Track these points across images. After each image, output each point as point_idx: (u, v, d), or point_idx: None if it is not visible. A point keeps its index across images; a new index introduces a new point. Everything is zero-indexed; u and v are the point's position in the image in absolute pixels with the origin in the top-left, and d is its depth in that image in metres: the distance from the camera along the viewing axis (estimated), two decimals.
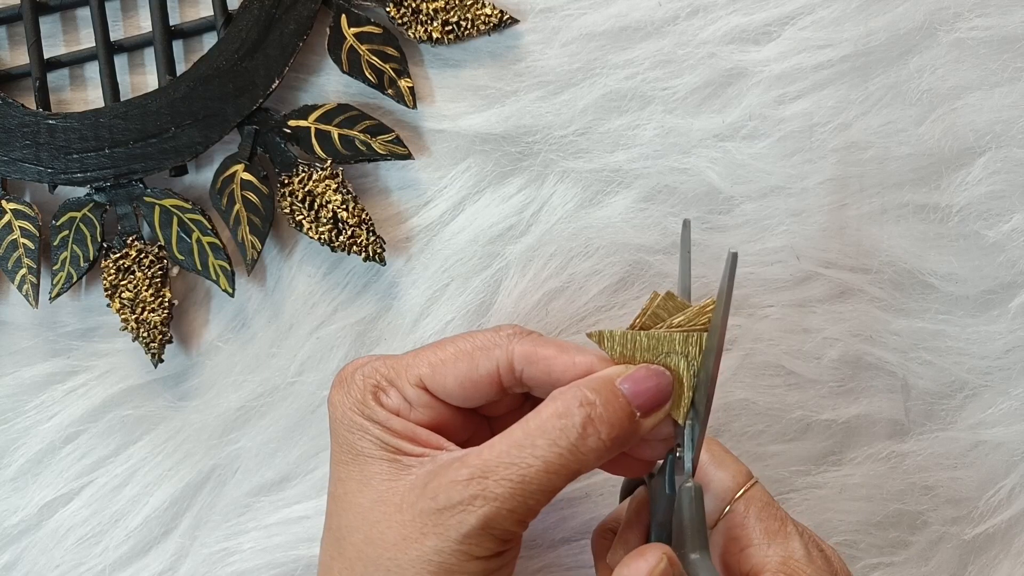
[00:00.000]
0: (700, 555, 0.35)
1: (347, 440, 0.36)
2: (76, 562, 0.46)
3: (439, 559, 0.33)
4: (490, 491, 0.33)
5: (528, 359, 0.35)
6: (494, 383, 0.36)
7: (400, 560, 0.33)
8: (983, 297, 0.45)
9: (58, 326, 0.46)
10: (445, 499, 0.33)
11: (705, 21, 0.44)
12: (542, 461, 0.33)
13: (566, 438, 0.33)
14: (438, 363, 0.36)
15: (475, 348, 0.36)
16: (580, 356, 0.35)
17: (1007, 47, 0.44)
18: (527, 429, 0.33)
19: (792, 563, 0.35)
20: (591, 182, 0.44)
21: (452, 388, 0.36)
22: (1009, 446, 0.45)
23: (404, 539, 0.33)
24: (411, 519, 0.33)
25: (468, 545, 0.33)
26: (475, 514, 0.33)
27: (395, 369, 0.37)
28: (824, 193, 0.44)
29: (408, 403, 0.36)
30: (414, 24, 0.44)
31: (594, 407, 0.33)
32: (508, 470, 0.33)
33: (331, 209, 0.43)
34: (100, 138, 0.43)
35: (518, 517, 0.33)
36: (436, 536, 0.33)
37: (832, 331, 0.44)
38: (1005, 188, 0.44)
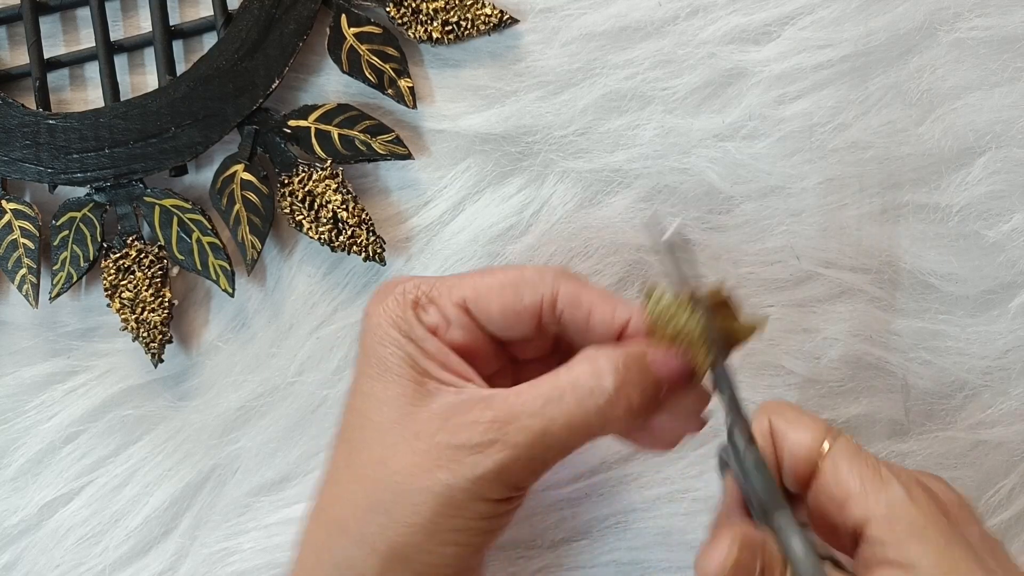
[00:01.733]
0: (781, 514, 0.34)
1: (377, 353, 0.36)
2: (76, 562, 0.46)
3: (448, 494, 0.33)
4: (510, 438, 0.33)
5: (571, 299, 0.36)
6: (534, 317, 0.36)
7: (408, 486, 0.34)
8: (983, 297, 0.45)
9: (58, 326, 0.46)
10: (465, 437, 0.33)
11: (705, 21, 0.44)
12: (566, 417, 0.33)
13: (595, 399, 0.33)
14: (483, 287, 0.36)
15: (521, 279, 0.36)
16: (621, 308, 0.36)
17: (1007, 47, 0.44)
18: (557, 383, 0.34)
19: (896, 508, 0.34)
20: (591, 182, 0.45)
21: (493, 314, 0.36)
22: (1009, 446, 0.45)
23: (416, 466, 0.34)
24: (427, 448, 0.34)
25: (479, 486, 0.33)
26: (492, 458, 0.33)
27: (438, 287, 0.37)
28: (824, 193, 0.44)
29: (447, 321, 0.36)
30: (414, 24, 0.44)
31: (629, 373, 0.34)
32: (531, 420, 0.33)
33: (331, 209, 0.43)
34: (100, 138, 0.43)
35: (533, 468, 0.34)
36: (449, 471, 0.33)
37: (832, 331, 0.44)
38: (1005, 188, 0.44)
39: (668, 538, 0.44)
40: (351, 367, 0.45)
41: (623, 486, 0.45)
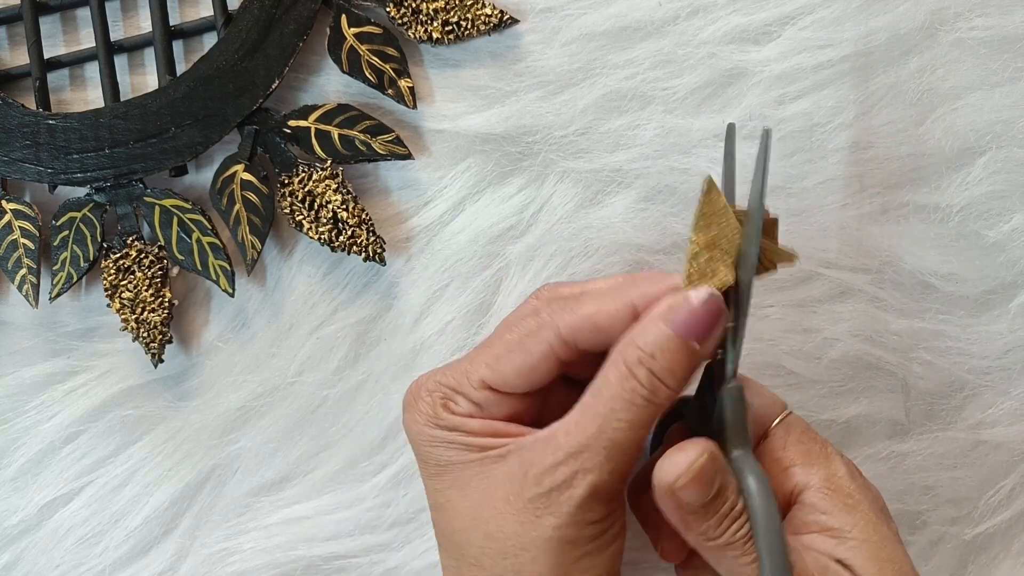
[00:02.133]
0: (743, 451, 0.35)
1: (432, 455, 0.37)
2: (76, 562, 0.46)
3: (559, 534, 0.35)
4: (588, 463, 0.34)
5: (575, 328, 0.36)
6: (552, 362, 0.37)
7: (524, 542, 0.35)
8: (983, 297, 0.45)
9: (58, 326, 0.46)
10: (550, 482, 0.35)
11: (705, 21, 0.44)
12: (625, 423, 0.34)
13: (639, 396, 0.34)
14: (494, 361, 0.37)
15: (523, 336, 0.37)
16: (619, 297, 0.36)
17: (1008, 47, 0.44)
18: (602, 399, 0.35)
19: (836, 480, 0.36)
20: (591, 182, 0.44)
21: (514, 380, 0.37)
22: (1009, 446, 0.45)
23: (522, 525, 0.35)
24: (523, 507, 0.35)
25: (583, 514, 0.35)
26: (581, 487, 0.34)
27: (456, 378, 0.38)
28: (824, 193, 0.44)
29: (478, 406, 0.37)
30: (414, 24, 0.44)
31: (654, 361, 0.34)
32: (599, 440, 0.34)
33: (331, 209, 0.43)
34: (100, 138, 0.43)
35: (617, 476, 0.35)
36: (551, 515, 0.35)
37: (832, 331, 0.44)
38: (1005, 188, 0.44)
39: None
40: (351, 368, 0.45)
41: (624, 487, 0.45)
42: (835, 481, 0.36)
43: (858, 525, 0.35)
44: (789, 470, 0.37)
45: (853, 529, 0.35)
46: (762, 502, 0.34)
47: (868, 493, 0.37)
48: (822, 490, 0.36)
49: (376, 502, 0.45)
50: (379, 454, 0.45)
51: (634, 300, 0.36)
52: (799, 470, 0.37)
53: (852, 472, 0.37)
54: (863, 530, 0.35)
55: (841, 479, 0.36)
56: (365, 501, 0.45)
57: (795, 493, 0.37)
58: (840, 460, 0.37)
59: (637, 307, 0.36)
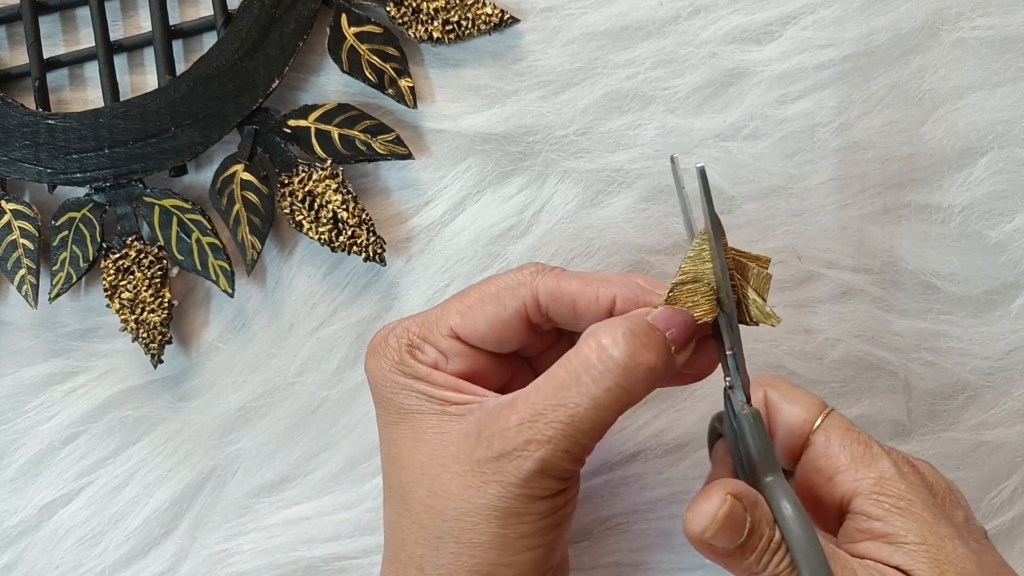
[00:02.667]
0: (773, 477, 0.35)
1: (392, 401, 0.36)
2: (76, 563, 0.46)
3: (504, 504, 0.33)
4: (542, 434, 0.33)
5: (552, 295, 0.36)
6: (523, 322, 0.36)
7: (467, 508, 0.34)
8: (985, 298, 0.44)
9: (58, 326, 0.46)
10: (500, 447, 0.33)
11: (706, 21, 0.44)
12: (589, 398, 0.33)
13: (612, 373, 0.33)
14: (466, 310, 0.36)
15: (500, 289, 0.36)
16: (604, 288, 0.36)
17: (1009, 47, 0.44)
18: (570, 367, 0.34)
19: (885, 483, 0.35)
20: (592, 182, 0.44)
21: (484, 332, 0.36)
22: (1011, 447, 0.45)
23: (467, 488, 0.34)
24: (470, 468, 0.34)
25: (529, 488, 0.33)
26: (531, 458, 0.33)
27: (426, 325, 0.37)
28: (826, 193, 0.44)
29: (444, 355, 0.37)
30: (414, 24, 0.44)
31: (636, 338, 0.34)
32: (556, 412, 0.33)
33: (331, 209, 0.43)
34: (100, 138, 0.43)
35: (573, 456, 0.34)
36: (497, 483, 0.33)
37: (834, 332, 0.44)
38: (1007, 188, 0.44)
39: (670, 540, 0.44)
40: (351, 368, 0.45)
41: (624, 487, 0.45)
42: (883, 484, 0.35)
43: (912, 529, 0.34)
44: (834, 479, 0.36)
45: (908, 533, 0.34)
46: (798, 528, 0.33)
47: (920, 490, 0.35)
48: (871, 496, 0.35)
49: (376, 503, 0.45)
50: (379, 455, 0.45)
51: (616, 297, 0.35)
52: (845, 477, 0.35)
53: (901, 470, 0.35)
54: (918, 533, 0.34)
55: (890, 480, 0.35)
56: (365, 502, 0.45)
57: (845, 502, 0.35)
58: (887, 459, 0.35)
59: (615, 304, 0.35)
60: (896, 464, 0.36)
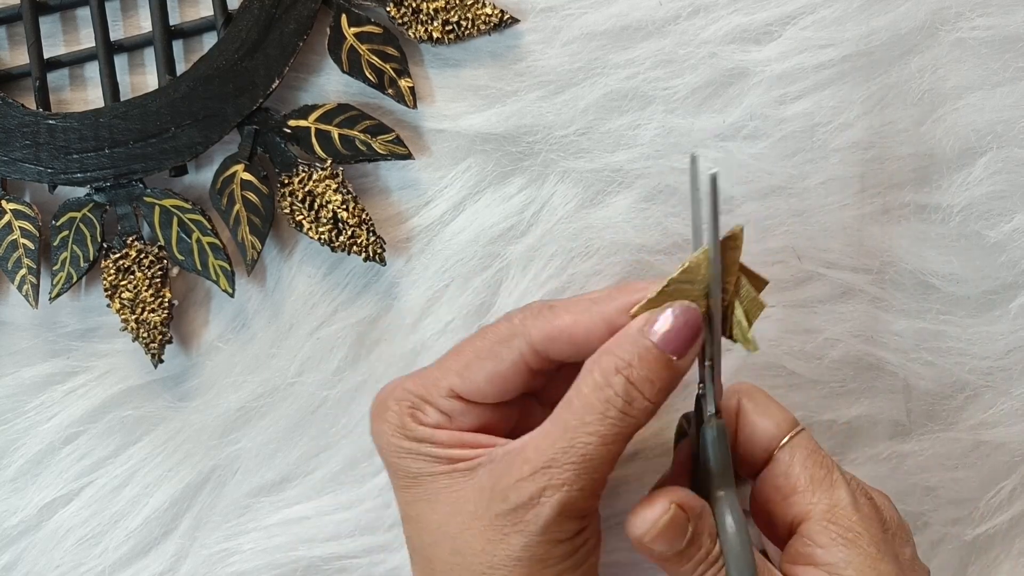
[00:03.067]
0: (726, 492, 0.35)
1: (401, 466, 0.36)
2: (76, 563, 0.46)
3: (528, 553, 0.34)
4: (556, 479, 0.33)
5: (548, 337, 0.35)
6: (523, 371, 0.36)
7: (492, 562, 0.34)
8: (984, 298, 0.45)
9: (58, 326, 0.46)
10: (516, 498, 0.33)
11: (706, 21, 0.44)
12: (597, 436, 0.33)
13: (613, 408, 0.33)
14: (463, 368, 0.36)
15: (494, 343, 0.36)
16: (596, 309, 0.35)
17: (1009, 47, 0.44)
18: (573, 409, 0.34)
19: (838, 511, 0.35)
20: (592, 182, 0.44)
21: (484, 388, 0.36)
22: (1010, 447, 0.45)
23: (489, 542, 0.34)
24: (489, 523, 0.34)
25: (551, 533, 0.33)
26: (548, 504, 0.33)
27: (424, 387, 0.37)
28: (825, 193, 0.44)
29: (447, 415, 0.37)
30: (414, 24, 0.44)
31: (631, 369, 0.33)
32: (568, 455, 0.33)
33: (331, 209, 0.43)
34: (100, 138, 0.43)
35: (588, 494, 0.34)
36: (518, 534, 0.33)
37: (833, 331, 0.44)
38: (1006, 188, 0.44)
39: None
40: (351, 368, 0.45)
41: (623, 487, 0.45)
42: (836, 512, 0.35)
43: (854, 563, 0.34)
44: (790, 498, 0.36)
45: (848, 567, 0.34)
46: (737, 546, 0.34)
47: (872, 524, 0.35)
48: (821, 522, 0.35)
49: (376, 503, 0.45)
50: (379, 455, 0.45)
51: (611, 314, 0.35)
52: (800, 498, 0.35)
53: (856, 501, 0.35)
54: (858, 568, 0.34)
55: (843, 510, 0.35)
56: (365, 502, 0.45)
57: (796, 522, 0.36)
58: (845, 488, 0.35)
59: (613, 322, 0.35)
60: (853, 494, 0.35)
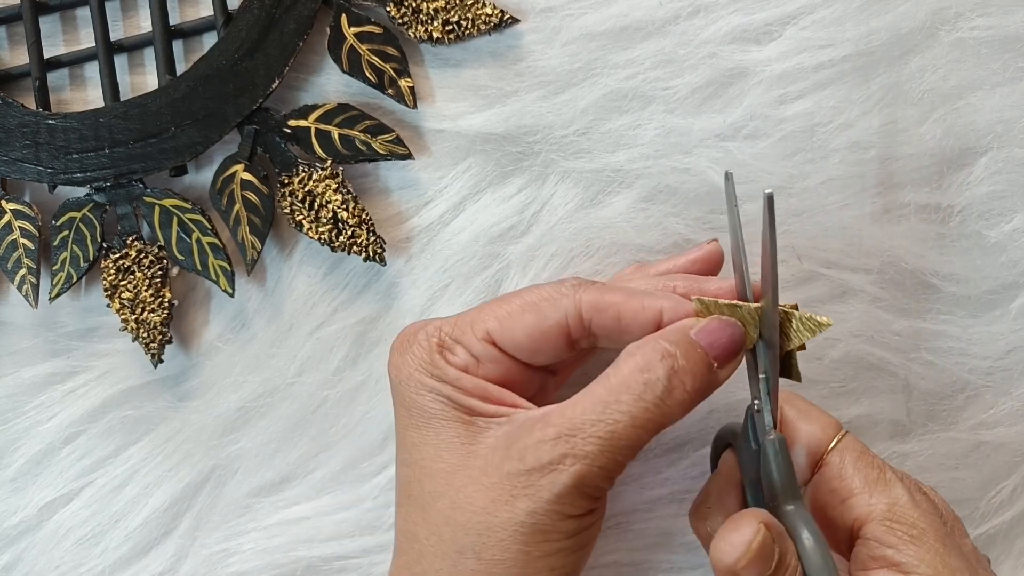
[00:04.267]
0: (795, 506, 0.34)
1: (416, 403, 0.35)
2: (76, 563, 0.46)
3: (532, 520, 0.33)
4: (580, 449, 0.32)
5: (596, 307, 0.35)
6: (563, 334, 0.35)
7: (491, 523, 0.33)
8: (985, 297, 0.44)
9: (58, 326, 0.46)
10: (534, 459, 0.33)
11: (706, 21, 0.44)
12: (629, 416, 0.33)
13: (652, 392, 0.33)
14: (505, 316, 0.36)
15: (542, 299, 0.36)
16: (649, 300, 0.35)
17: (1009, 47, 0.44)
18: (609, 385, 0.33)
19: (898, 509, 0.34)
20: (592, 182, 0.44)
21: (521, 340, 0.35)
22: (1011, 447, 0.45)
23: (493, 502, 0.33)
24: (498, 482, 0.33)
25: (561, 504, 0.33)
26: (567, 473, 0.32)
27: (459, 326, 0.36)
28: (825, 193, 0.44)
29: (476, 359, 0.36)
30: (414, 24, 0.44)
31: (675, 359, 0.33)
32: (596, 427, 0.33)
33: (331, 209, 0.43)
34: (100, 138, 0.43)
35: (608, 473, 0.33)
36: (528, 497, 0.33)
37: (833, 331, 0.44)
38: (1006, 188, 0.44)
39: (669, 539, 0.44)
40: (351, 368, 0.45)
41: (624, 487, 0.45)
42: (897, 511, 0.34)
43: (925, 559, 0.33)
44: (847, 501, 0.35)
45: (921, 564, 0.33)
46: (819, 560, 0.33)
47: (933, 519, 0.35)
48: (884, 522, 0.34)
49: (376, 503, 0.45)
50: (379, 455, 0.45)
51: (663, 309, 0.35)
52: (858, 500, 0.35)
53: (914, 498, 0.35)
54: (931, 564, 0.33)
55: (903, 507, 0.34)
56: (365, 502, 0.45)
57: (856, 526, 0.35)
58: (901, 486, 0.35)
59: (661, 316, 0.35)
60: (909, 491, 0.35)
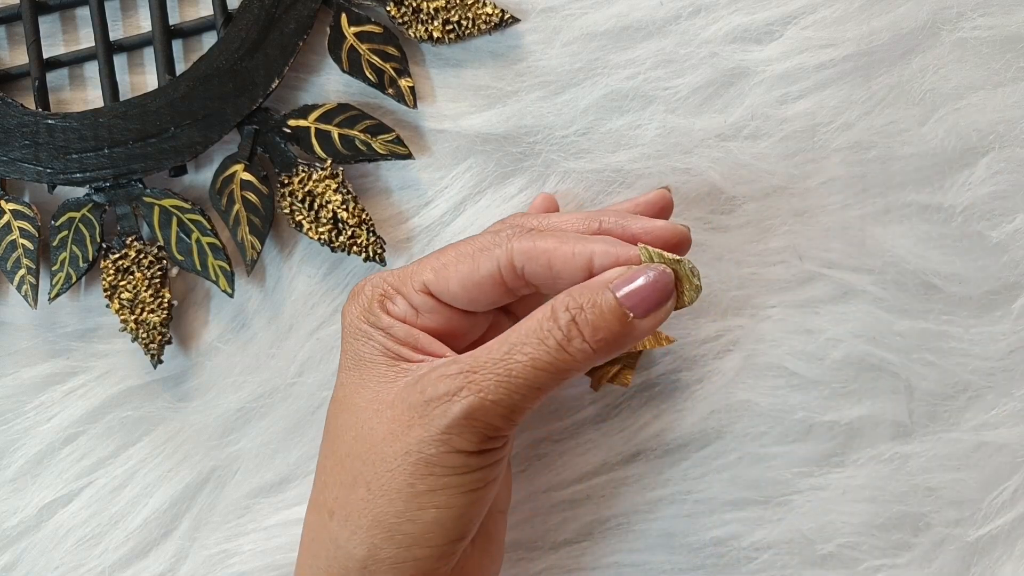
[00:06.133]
0: None
1: (352, 347, 0.37)
2: (76, 563, 0.45)
3: (420, 449, 0.34)
4: (476, 383, 0.34)
5: (527, 255, 0.36)
6: (497, 283, 0.36)
7: (385, 452, 0.34)
8: (986, 298, 0.44)
9: (57, 327, 0.46)
10: (432, 391, 0.34)
11: (707, 20, 0.44)
12: (529, 358, 0.34)
13: (552, 339, 0.34)
14: (440, 267, 0.37)
15: (476, 249, 0.36)
16: (580, 246, 0.35)
17: (1010, 47, 0.44)
18: (518, 330, 0.34)
19: None
20: (593, 182, 0.44)
21: (456, 290, 0.36)
22: (1012, 447, 0.45)
23: (391, 433, 0.34)
24: (400, 413, 0.34)
25: (450, 435, 0.34)
26: (459, 404, 0.34)
27: (400, 278, 0.37)
28: (827, 193, 0.44)
29: (415, 309, 0.37)
30: (415, 23, 0.44)
31: (580, 311, 0.34)
32: (496, 365, 0.34)
33: (331, 209, 0.43)
34: (99, 138, 0.43)
35: (502, 411, 0.34)
36: (420, 427, 0.34)
37: (835, 332, 0.44)
38: (1008, 188, 0.44)
39: (670, 540, 0.44)
40: None
41: (625, 487, 0.45)
42: None
43: None
44: None
45: None
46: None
47: None
48: None
49: None
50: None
51: (595, 253, 0.35)
52: None
53: None
54: None
55: None
56: None
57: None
58: None
59: (594, 263, 0.35)
60: None
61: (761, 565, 0.44)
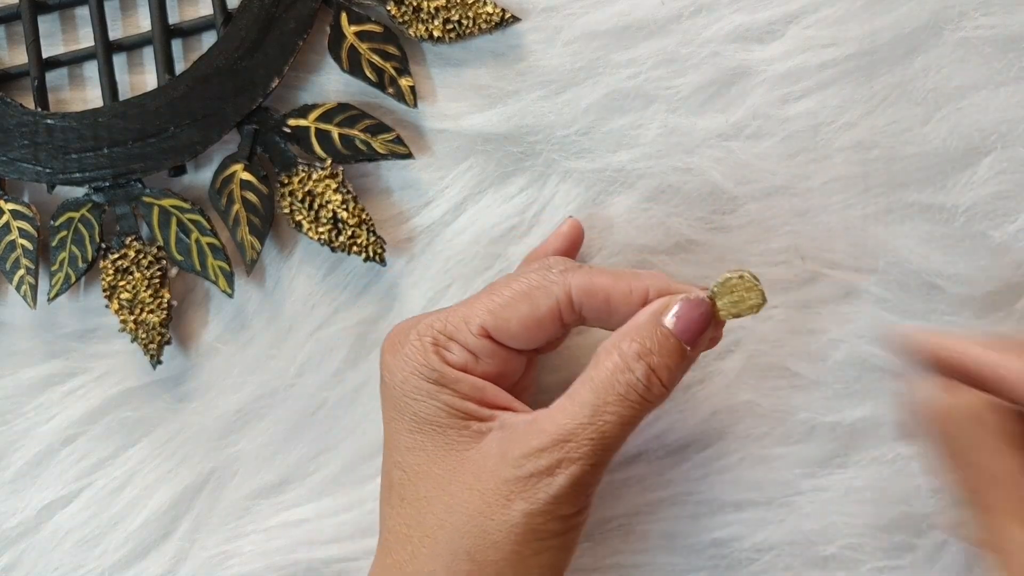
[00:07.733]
0: None
1: (410, 408, 0.36)
2: (75, 564, 0.45)
3: (526, 521, 0.34)
4: (574, 453, 0.34)
5: (586, 292, 0.36)
6: (555, 320, 0.36)
7: (486, 526, 0.34)
8: (989, 298, 0.44)
9: (56, 327, 0.45)
10: (532, 467, 0.34)
11: (709, 20, 0.44)
12: (616, 416, 0.34)
13: (635, 392, 0.34)
14: (498, 308, 0.36)
15: (532, 288, 0.36)
16: (636, 282, 0.36)
17: (1013, 46, 0.44)
18: (595, 389, 0.34)
19: None
20: (594, 182, 0.44)
21: (516, 331, 0.36)
22: None
23: (488, 506, 0.34)
24: (494, 487, 0.34)
25: (557, 505, 0.34)
26: (562, 476, 0.34)
27: (452, 322, 0.36)
28: (829, 193, 0.44)
29: (473, 355, 0.36)
30: (415, 22, 0.44)
31: (651, 357, 0.34)
32: (587, 431, 0.34)
33: (331, 209, 0.43)
34: (99, 138, 0.43)
35: (597, 472, 0.35)
36: (523, 500, 0.34)
37: (837, 332, 0.44)
38: (1011, 188, 0.44)
39: (672, 541, 0.44)
40: (351, 370, 0.45)
41: (626, 489, 0.44)
42: None
43: None
44: None
45: None
46: None
47: None
48: None
49: (376, 505, 0.45)
50: (380, 456, 0.44)
51: (648, 289, 0.35)
52: None
53: None
54: None
55: None
56: (365, 504, 0.45)
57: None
58: None
59: (650, 298, 0.35)
60: None
61: (763, 566, 0.44)
